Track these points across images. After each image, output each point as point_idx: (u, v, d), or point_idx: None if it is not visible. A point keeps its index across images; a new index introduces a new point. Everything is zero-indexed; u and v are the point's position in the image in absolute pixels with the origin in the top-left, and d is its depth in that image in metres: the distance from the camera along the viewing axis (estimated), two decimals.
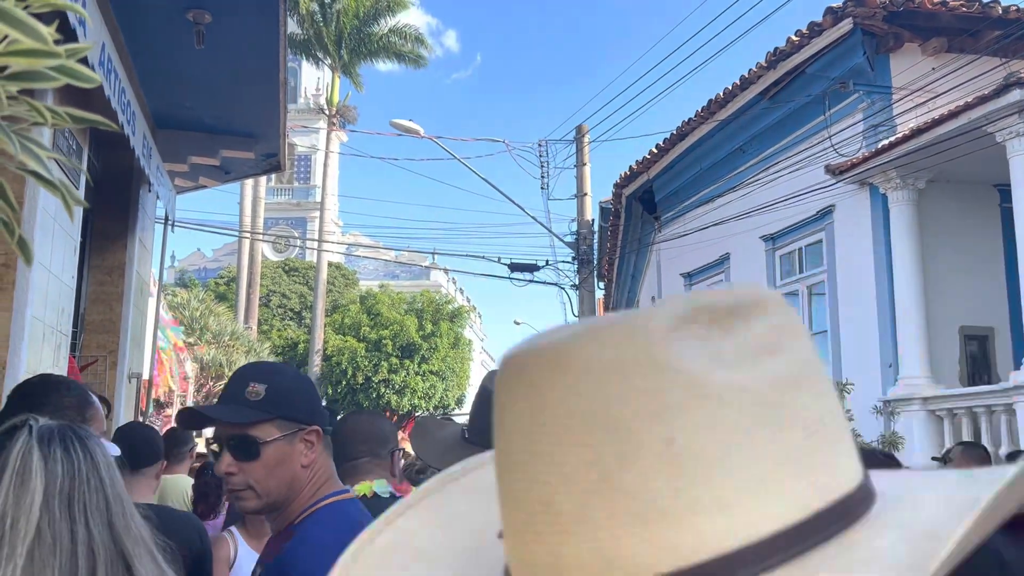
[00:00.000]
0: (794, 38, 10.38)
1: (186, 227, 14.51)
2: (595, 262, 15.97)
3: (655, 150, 13.88)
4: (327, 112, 30.97)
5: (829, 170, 10.17)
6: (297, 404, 1.85)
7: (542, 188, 15.77)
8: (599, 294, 19.13)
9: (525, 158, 16.14)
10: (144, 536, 1.34)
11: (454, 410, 28.93)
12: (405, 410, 27.67)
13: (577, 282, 15.18)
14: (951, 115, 8.40)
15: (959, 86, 8.89)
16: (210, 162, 7.37)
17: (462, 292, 53.26)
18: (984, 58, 9.31)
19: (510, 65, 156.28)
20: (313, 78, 45.45)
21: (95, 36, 4.11)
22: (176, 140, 6.90)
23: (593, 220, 16.01)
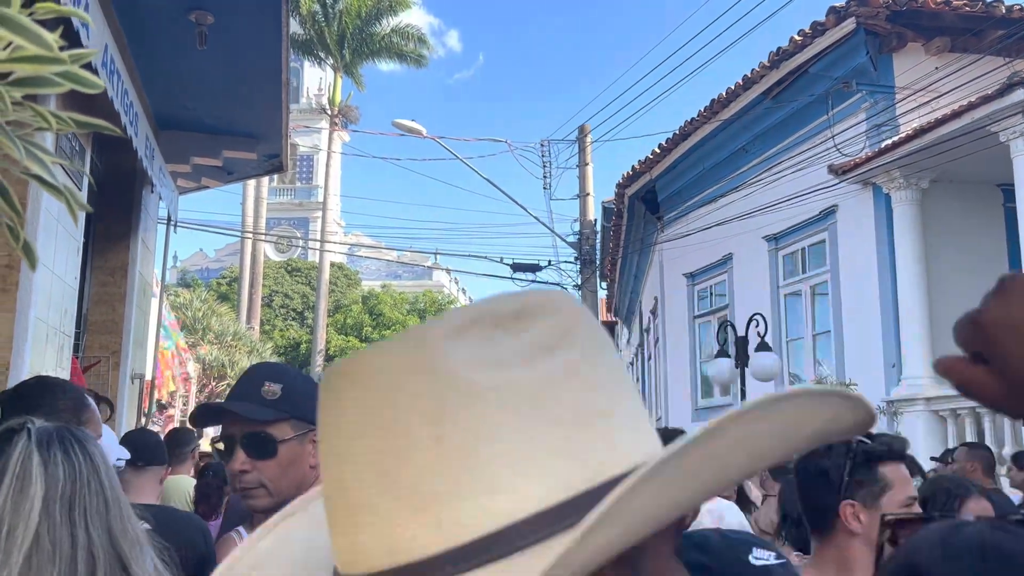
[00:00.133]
0: (797, 38, 10.37)
1: (189, 227, 14.52)
2: (597, 262, 15.95)
3: (658, 150, 13.87)
4: (329, 112, 31.00)
5: (832, 170, 10.15)
6: (308, 405, 1.84)
7: (544, 188, 15.76)
8: (602, 294, 19.13)
9: (527, 158, 16.09)
10: (141, 538, 1.33)
11: None
12: None
13: (579, 282, 15.17)
14: (954, 115, 8.38)
15: (962, 86, 8.86)
16: (212, 163, 7.37)
17: (464, 292, 53.29)
18: (988, 58, 9.28)
19: (512, 65, 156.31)
20: (315, 78, 45.48)
21: (98, 38, 4.11)
22: (179, 141, 6.90)
23: (596, 220, 15.99)
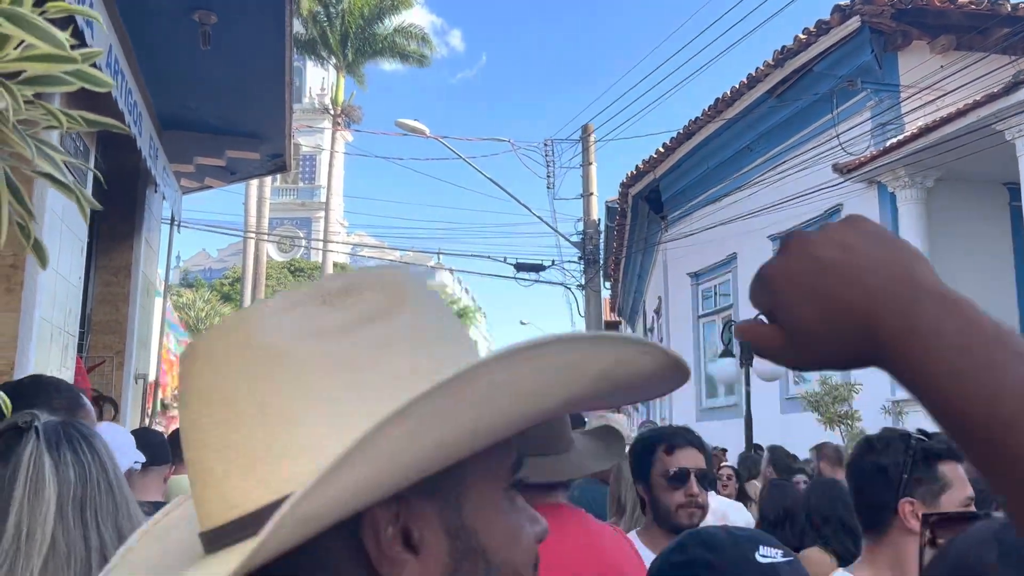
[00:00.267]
0: (801, 36, 10.35)
1: (192, 228, 14.54)
2: (601, 262, 15.92)
3: (662, 149, 13.85)
4: (332, 112, 30.99)
5: (837, 169, 10.13)
6: None
7: (548, 188, 15.73)
8: (605, 294, 19.10)
9: (531, 158, 16.06)
10: None
11: None
12: None
13: (583, 282, 15.15)
14: (960, 113, 8.36)
15: (968, 84, 8.84)
16: (216, 163, 7.37)
17: (468, 292, 53.31)
18: (993, 56, 9.25)
19: (515, 64, 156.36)
20: (318, 78, 45.51)
21: (103, 38, 4.10)
22: (182, 141, 6.90)
23: (599, 220, 15.97)
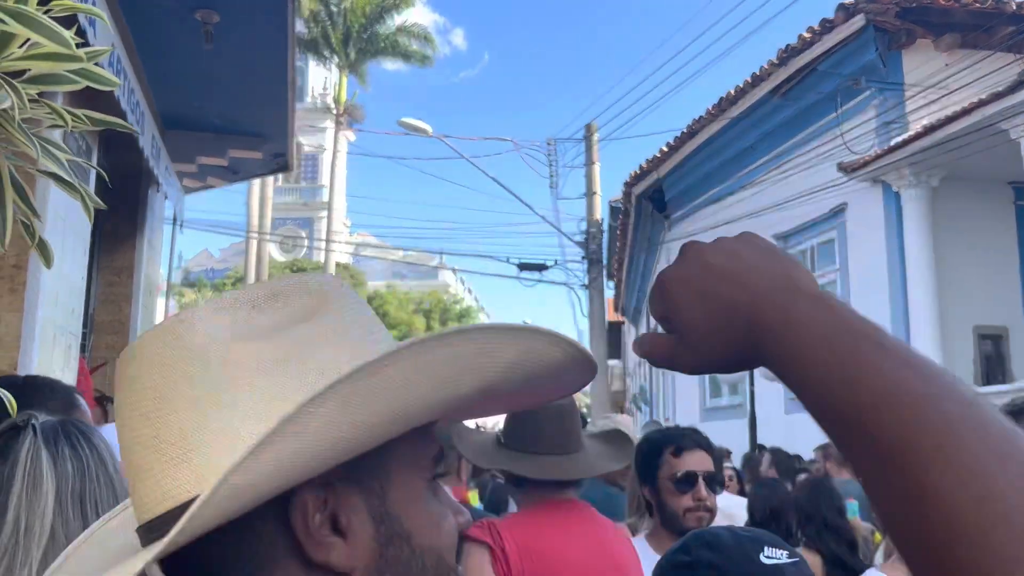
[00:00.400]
0: (806, 35, 10.32)
1: (194, 228, 14.53)
2: (605, 261, 15.90)
3: (665, 148, 13.83)
4: (334, 111, 30.97)
5: (841, 168, 10.10)
6: None
7: (551, 187, 15.71)
8: (609, 293, 19.08)
9: (534, 157, 16.03)
10: None
11: None
12: None
13: (587, 281, 15.13)
14: (964, 112, 8.33)
15: (973, 83, 8.81)
16: (218, 162, 7.36)
17: (470, 292, 53.34)
18: (998, 54, 9.23)
19: (518, 63, 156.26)
20: (320, 77, 45.49)
21: (105, 37, 4.08)
22: (184, 140, 6.89)
23: (602, 219, 15.95)
